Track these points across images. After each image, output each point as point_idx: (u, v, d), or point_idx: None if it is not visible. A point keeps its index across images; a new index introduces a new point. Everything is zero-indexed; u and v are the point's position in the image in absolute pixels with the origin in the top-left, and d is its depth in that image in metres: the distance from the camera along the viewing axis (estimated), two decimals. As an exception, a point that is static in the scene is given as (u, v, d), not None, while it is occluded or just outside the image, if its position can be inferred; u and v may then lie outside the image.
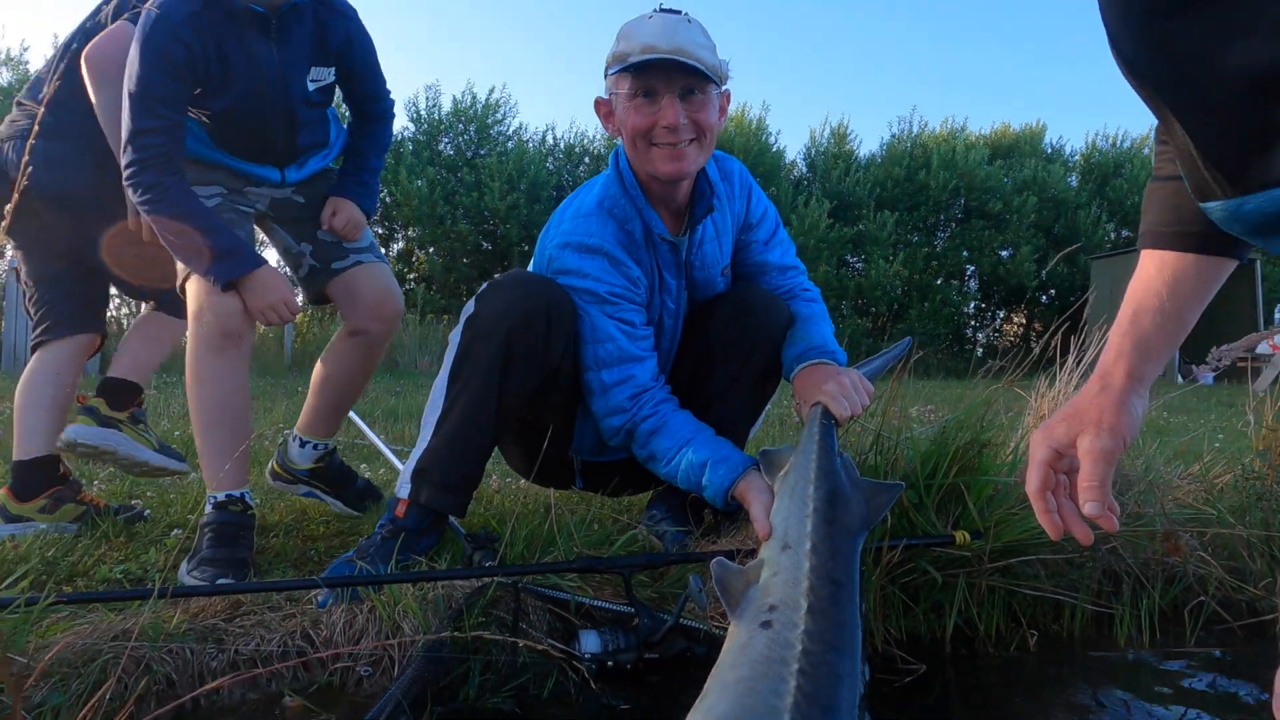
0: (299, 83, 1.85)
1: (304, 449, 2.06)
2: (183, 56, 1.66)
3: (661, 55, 1.55)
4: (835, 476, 1.42)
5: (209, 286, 1.66)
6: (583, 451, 1.86)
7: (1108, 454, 0.93)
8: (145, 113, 1.65)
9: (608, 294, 1.68)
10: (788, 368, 1.74)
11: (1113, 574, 1.74)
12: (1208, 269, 0.93)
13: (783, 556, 1.31)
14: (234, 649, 1.31)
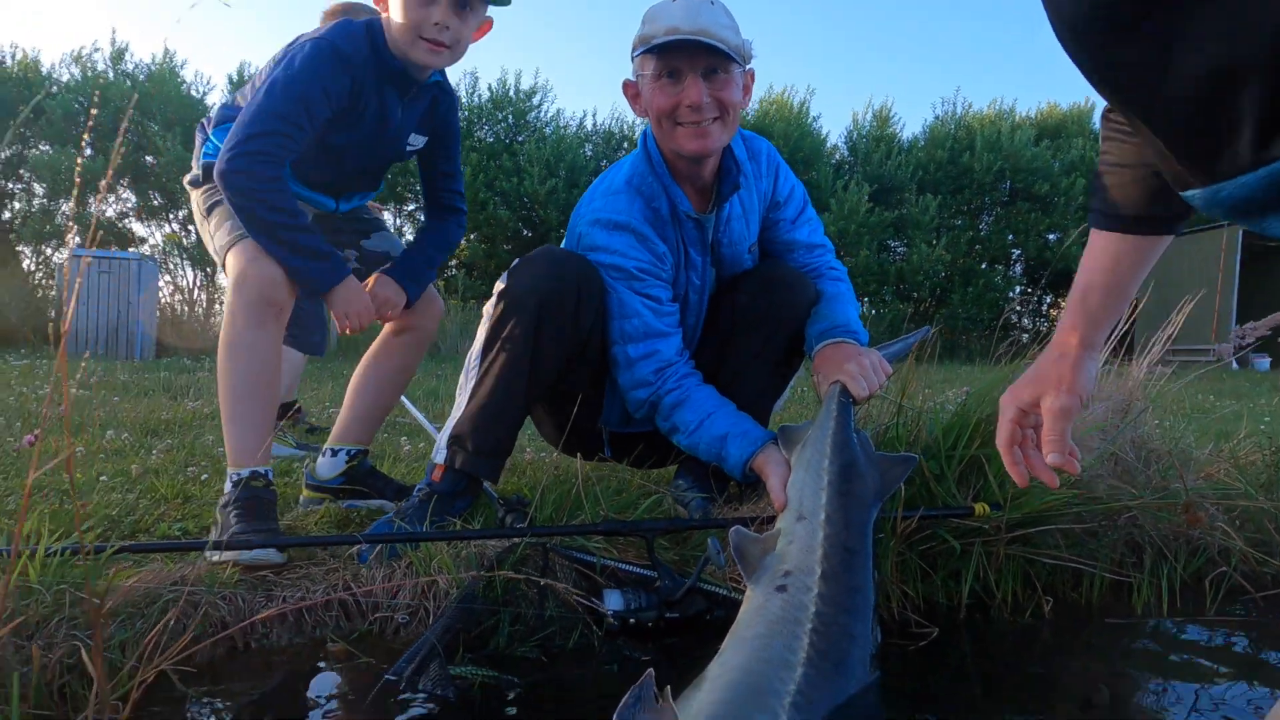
0: (403, 141, 1.93)
1: (335, 457, 1.99)
2: (340, 89, 1.71)
3: (684, 36, 1.59)
4: (850, 450, 1.47)
5: (254, 252, 1.64)
6: (610, 422, 1.93)
7: (1066, 411, 1.11)
8: (292, 113, 1.64)
9: (635, 269, 1.74)
10: (810, 344, 1.78)
11: (1134, 544, 1.76)
12: (1145, 246, 1.05)
13: (798, 526, 1.36)
14: (282, 598, 1.41)
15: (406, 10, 1.71)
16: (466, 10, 1.75)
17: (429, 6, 1.70)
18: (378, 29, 1.78)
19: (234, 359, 1.64)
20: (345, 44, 1.72)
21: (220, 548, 1.40)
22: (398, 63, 1.78)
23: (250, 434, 1.63)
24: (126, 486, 1.98)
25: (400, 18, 1.72)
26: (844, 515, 1.36)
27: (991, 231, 15.68)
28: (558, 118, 15.88)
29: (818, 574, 1.25)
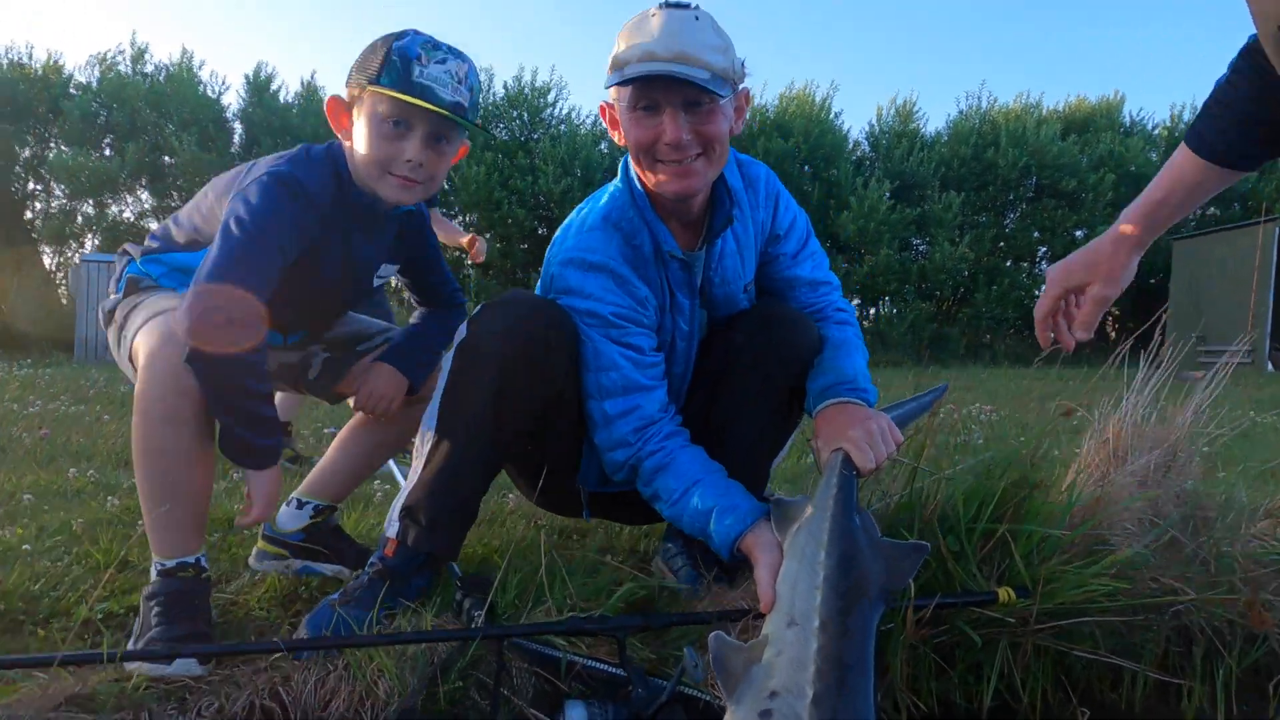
0: (370, 277, 1.72)
1: (300, 510, 1.80)
2: (308, 231, 1.50)
3: (659, 67, 1.39)
4: (851, 538, 1.27)
5: (168, 331, 1.37)
6: (589, 482, 1.73)
7: (1107, 300, 1.31)
8: (263, 265, 1.42)
9: (612, 316, 1.54)
10: (811, 401, 1.57)
11: (1182, 632, 1.54)
12: (1228, 178, 1.20)
13: (788, 633, 1.17)
14: (196, 710, 1.23)
15: (373, 145, 1.49)
16: (442, 144, 1.53)
17: (400, 142, 1.48)
18: (341, 159, 1.56)
19: (149, 463, 1.40)
20: (310, 180, 1.50)
21: (124, 659, 1.22)
22: (365, 197, 1.57)
23: (176, 532, 1.43)
24: (65, 546, 1.82)
25: (366, 151, 1.50)
26: (841, 622, 1.16)
27: (1017, 228, 15.31)
28: (572, 116, 15.72)
29: (809, 698, 1.06)
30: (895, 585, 1.27)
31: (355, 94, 1.51)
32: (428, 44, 1.48)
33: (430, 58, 1.47)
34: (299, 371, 1.83)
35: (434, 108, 1.45)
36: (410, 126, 1.49)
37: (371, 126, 1.49)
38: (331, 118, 1.56)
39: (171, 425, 1.37)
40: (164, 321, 1.41)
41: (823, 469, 1.45)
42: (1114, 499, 1.76)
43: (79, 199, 16.00)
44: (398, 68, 1.45)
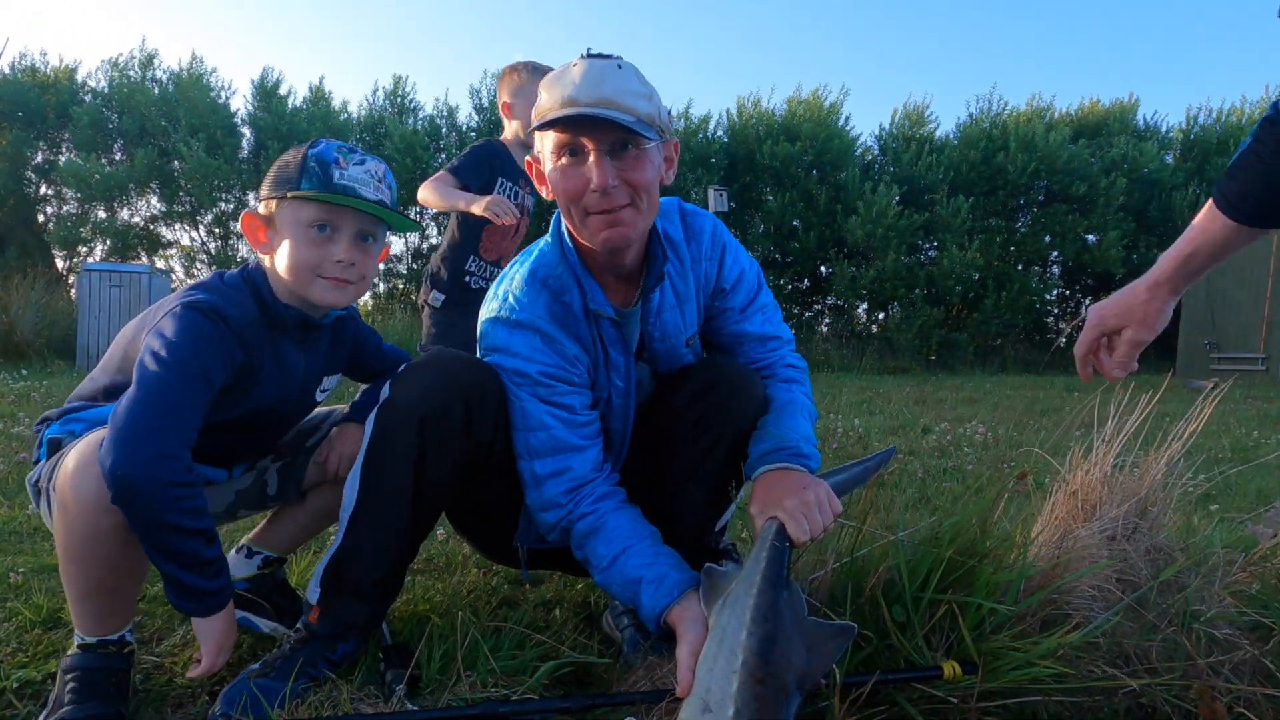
0: (312, 392, 1.67)
1: (250, 559, 1.78)
2: (232, 360, 1.43)
3: (582, 110, 1.33)
4: (775, 618, 1.21)
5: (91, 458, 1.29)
6: (528, 539, 1.68)
7: (1141, 343, 1.38)
8: (189, 393, 1.35)
9: (539, 375, 1.49)
10: (750, 466, 1.51)
11: (1143, 715, 1.47)
12: (1258, 233, 1.25)
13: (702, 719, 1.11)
14: (93, 800, 1.18)
15: (299, 251, 1.47)
16: (369, 242, 1.52)
17: (327, 245, 1.47)
18: (259, 278, 1.53)
19: (73, 570, 1.35)
20: (228, 305, 1.44)
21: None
22: (293, 311, 1.52)
23: (98, 618, 1.39)
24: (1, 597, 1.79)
25: (290, 258, 1.47)
26: (756, 711, 1.11)
27: (1027, 233, 15.12)
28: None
29: None
30: (816, 672, 1.21)
31: (272, 205, 1.50)
32: (342, 148, 1.48)
33: (348, 160, 1.47)
34: (258, 493, 1.75)
35: (361, 206, 1.45)
36: (336, 228, 1.48)
37: (296, 234, 1.47)
38: (248, 234, 1.53)
39: (95, 541, 1.31)
40: (89, 444, 1.32)
41: (756, 536, 1.40)
42: (1076, 560, 1.69)
43: (90, 204, 16.11)
44: (317, 173, 1.45)
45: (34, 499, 1.53)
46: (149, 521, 1.28)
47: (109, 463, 1.25)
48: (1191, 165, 15.37)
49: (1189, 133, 16.00)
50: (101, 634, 1.39)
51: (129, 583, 1.40)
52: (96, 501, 1.28)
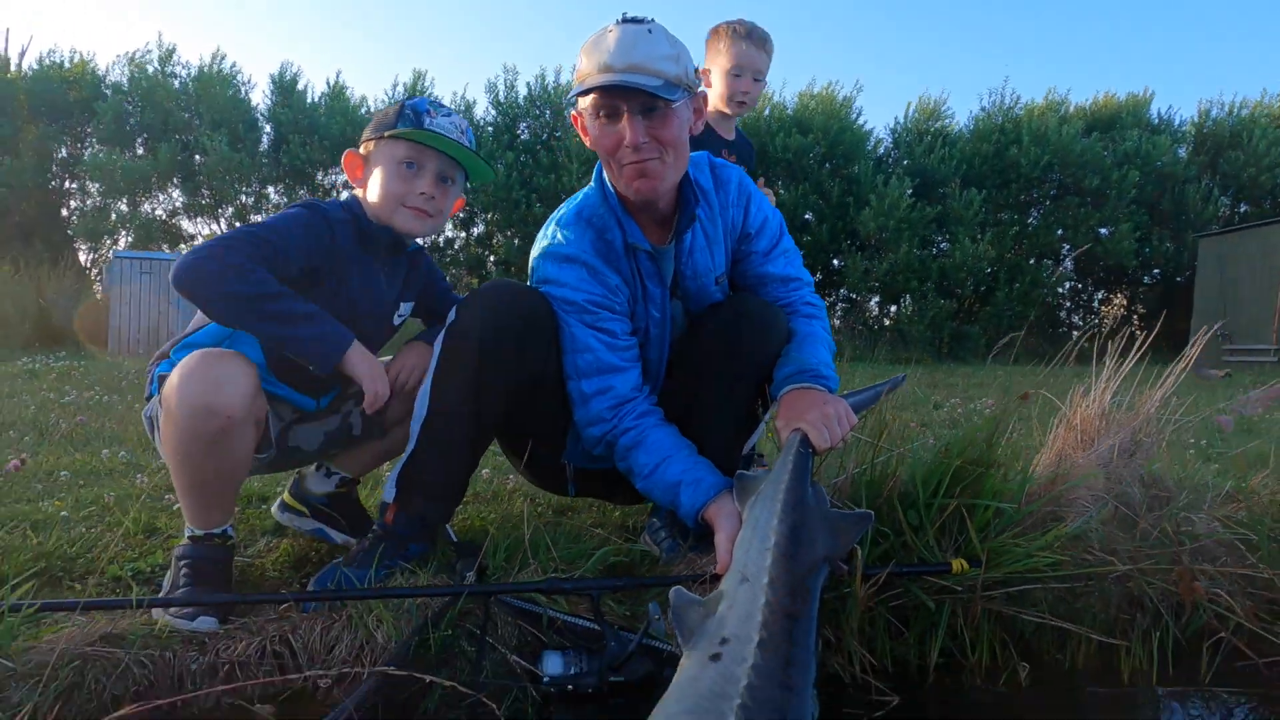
0: (390, 315, 1.86)
1: (329, 477, 1.97)
2: (318, 240, 1.64)
3: (615, 78, 1.52)
4: (802, 509, 1.38)
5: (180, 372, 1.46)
6: (574, 457, 1.86)
7: None
8: (261, 231, 1.56)
9: (586, 303, 1.67)
10: (776, 387, 1.68)
11: (1132, 602, 1.64)
12: None
13: (740, 589, 1.28)
14: (215, 652, 1.38)
15: (388, 182, 1.70)
16: (448, 184, 1.76)
17: (413, 179, 1.71)
18: (355, 206, 1.75)
19: (181, 468, 1.52)
20: (330, 208, 1.70)
21: (152, 605, 1.37)
22: (380, 230, 1.74)
23: (205, 512, 1.57)
24: (96, 518, 1.98)
25: (381, 188, 1.71)
26: (789, 579, 1.28)
27: (1039, 226, 15.20)
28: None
29: (754, 643, 1.17)
30: (840, 550, 1.38)
31: (370, 145, 1.74)
32: (433, 102, 1.72)
33: (437, 112, 1.71)
34: (345, 433, 1.92)
35: (444, 147, 1.69)
36: (422, 166, 1.71)
37: (388, 168, 1.70)
38: (348, 169, 1.78)
39: (197, 440, 1.47)
40: (189, 358, 1.50)
41: (782, 447, 1.57)
42: (1072, 477, 1.85)
43: (113, 197, 16.40)
44: (410, 118, 1.69)
45: (149, 432, 1.73)
46: (227, 290, 1.47)
47: (177, 266, 1.48)
48: (1204, 159, 15.40)
49: (1202, 126, 16.02)
50: (207, 527, 1.58)
51: (227, 482, 1.58)
52: (197, 404, 1.45)
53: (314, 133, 15.21)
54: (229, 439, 1.48)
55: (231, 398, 1.45)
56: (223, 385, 1.45)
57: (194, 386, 1.45)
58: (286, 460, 1.89)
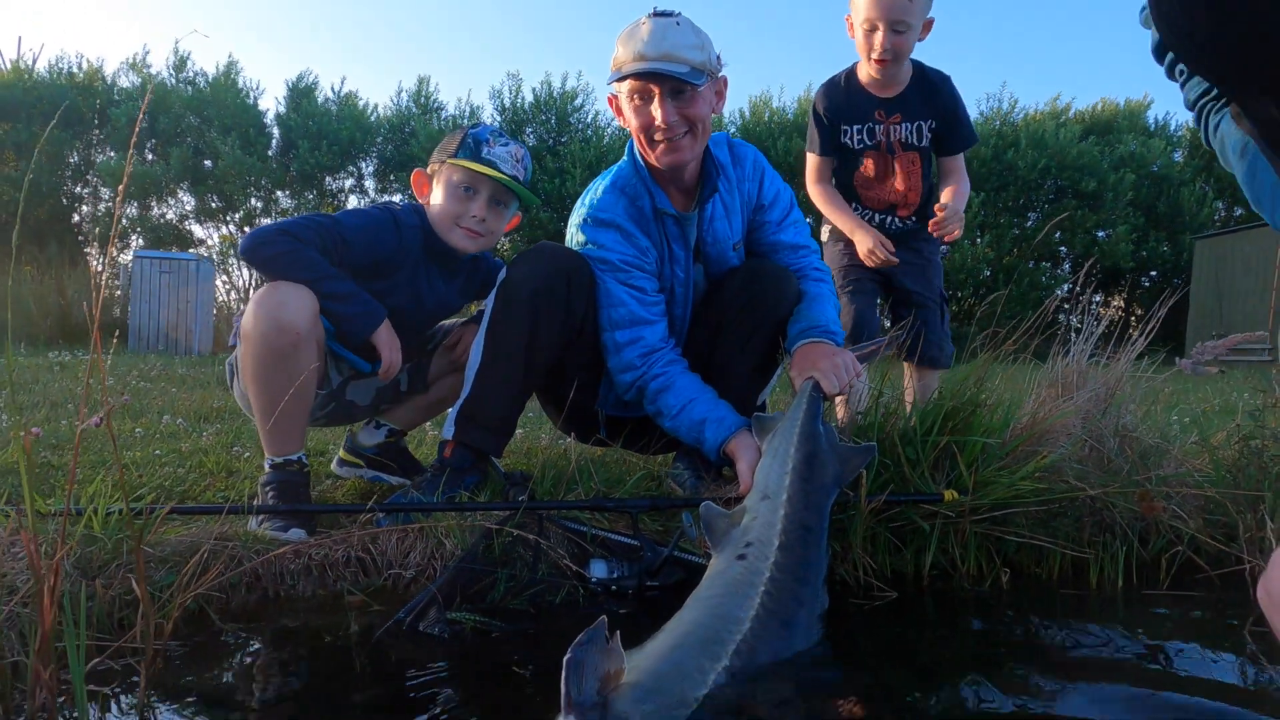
0: (442, 312, 2.10)
1: (378, 429, 2.20)
2: (386, 239, 1.89)
3: (649, 66, 1.76)
4: (815, 440, 1.61)
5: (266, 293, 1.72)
6: (606, 405, 2.09)
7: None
8: (324, 222, 1.80)
9: (620, 262, 1.90)
10: (790, 341, 1.91)
11: (1101, 526, 1.85)
12: None
13: (762, 505, 1.50)
14: (308, 555, 1.60)
15: (447, 201, 1.94)
16: (500, 208, 1.98)
17: (469, 202, 1.93)
18: (424, 213, 1.99)
19: (259, 389, 1.75)
20: (402, 211, 1.95)
21: (257, 512, 1.60)
22: (441, 243, 1.97)
23: (283, 437, 1.80)
24: (178, 462, 2.21)
25: (440, 207, 1.95)
26: (804, 497, 1.49)
27: (1037, 228, 15.45)
28: (597, 119, 16.09)
29: (775, 545, 1.38)
30: (848, 476, 1.61)
31: (435, 167, 1.98)
32: (494, 132, 1.95)
33: (496, 142, 1.94)
34: (393, 389, 2.17)
35: (496, 177, 1.90)
36: (477, 191, 1.94)
37: (448, 190, 1.94)
38: (415, 186, 2.04)
39: (269, 360, 1.71)
40: (262, 290, 1.76)
41: (797, 392, 1.80)
42: (1053, 424, 2.07)
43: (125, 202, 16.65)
44: (471, 147, 1.92)
45: (229, 379, 1.96)
46: (275, 273, 1.72)
47: (246, 241, 1.73)
48: (1199, 162, 15.65)
49: (1197, 131, 16.28)
50: (284, 453, 1.81)
51: (298, 405, 1.79)
52: (268, 323, 1.70)
53: (323, 138, 15.45)
54: (297, 354, 1.72)
55: (295, 314, 1.70)
56: (287, 305, 1.71)
57: (265, 309, 1.71)
58: (343, 413, 2.12)
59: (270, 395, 1.75)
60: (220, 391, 4.31)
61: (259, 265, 1.77)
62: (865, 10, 2.44)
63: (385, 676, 1.23)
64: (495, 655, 1.31)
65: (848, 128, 2.64)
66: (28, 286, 9.81)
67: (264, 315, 1.71)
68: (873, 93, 2.60)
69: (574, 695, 0.96)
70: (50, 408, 3.38)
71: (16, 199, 14.67)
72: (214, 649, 1.31)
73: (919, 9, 2.42)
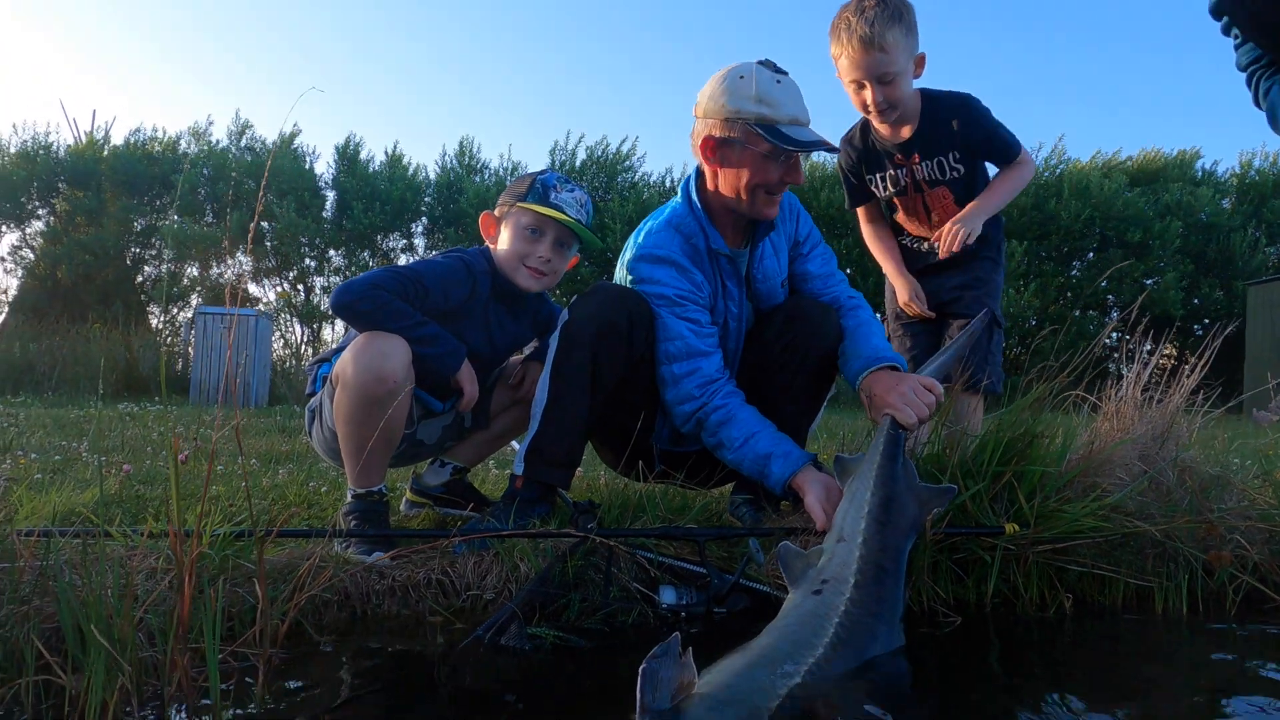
0: (510, 348, 2.24)
1: (442, 468, 2.29)
2: (459, 286, 2.00)
3: (809, 138, 1.89)
4: (893, 483, 1.64)
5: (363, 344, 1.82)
6: (661, 441, 2.16)
7: None
8: (407, 274, 1.92)
9: (676, 296, 1.99)
10: (851, 380, 1.96)
11: (1162, 559, 1.86)
12: None
13: (838, 546, 1.54)
14: (391, 578, 1.68)
15: (514, 242, 2.07)
16: (564, 249, 2.11)
17: (536, 243, 2.06)
18: (491, 256, 2.12)
19: (350, 431, 1.85)
20: (469, 256, 2.08)
21: (346, 535, 1.70)
22: (507, 283, 2.10)
23: (367, 472, 1.90)
24: (260, 495, 2.33)
25: (508, 247, 2.08)
26: (880, 540, 1.52)
27: (1083, 278, 15.30)
28: (645, 177, 16.49)
29: (851, 583, 1.42)
30: (926, 517, 1.64)
31: (504, 210, 2.12)
32: (561, 179, 2.10)
33: (563, 188, 2.09)
34: (458, 426, 2.27)
35: (564, 221, 2.03)
36: (543, 233, 2.07)
37: (515, 232, 2.07)
38: (483, 227, 2.17)
39: (365, 405, 1.81)
40: (359, 339, 1.86)
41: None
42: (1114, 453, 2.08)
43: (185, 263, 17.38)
44: (539, 192, 2.06)
45: (308, 422, 2.08)
46: (365, 325, 1.84)
47: (340, 295, 1.84)
48: (1248, 209, 15.44)
49: (1244, 177, 16.10)
50: (368, 486, 1.91)
51: (385, 444, 1.90)
52: (368, 372, 1.79)
53: (375, 199, 16.04)
54: (390, 402, 1.81)
55: (395, 365, 1.80)
56: (388, 356, 1.81)
57: (365, 360, 1.81)
58: (411, 453, 2.22)
59: (362, 437, 1.84)
60: (283, 438, 4.47)
61: (352, 317, 1.87)
62: (849, 73, 2.43)
63: (470, 687, 1.30)
64: (575, 668, 1.37)
65: (872, 177, 2.68)
66: (96, 343, 10.28)
67: (364, 366, 1.80)
68: (886, 139, 2.61)
69: (648, 702, 1.02)
70: (129, 451, 3.56)
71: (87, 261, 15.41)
72: (316, 656, 1.39)
73: (900, 55, 2.37)
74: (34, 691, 1.13)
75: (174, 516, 1.15)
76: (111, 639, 1.07)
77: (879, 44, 2.33)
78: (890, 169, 2.65)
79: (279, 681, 1.26)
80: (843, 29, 2.37)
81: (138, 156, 16.70)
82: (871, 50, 2.34)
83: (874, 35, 2.31)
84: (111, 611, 1.08)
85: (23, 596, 1.20)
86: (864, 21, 2.32)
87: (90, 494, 2.13)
